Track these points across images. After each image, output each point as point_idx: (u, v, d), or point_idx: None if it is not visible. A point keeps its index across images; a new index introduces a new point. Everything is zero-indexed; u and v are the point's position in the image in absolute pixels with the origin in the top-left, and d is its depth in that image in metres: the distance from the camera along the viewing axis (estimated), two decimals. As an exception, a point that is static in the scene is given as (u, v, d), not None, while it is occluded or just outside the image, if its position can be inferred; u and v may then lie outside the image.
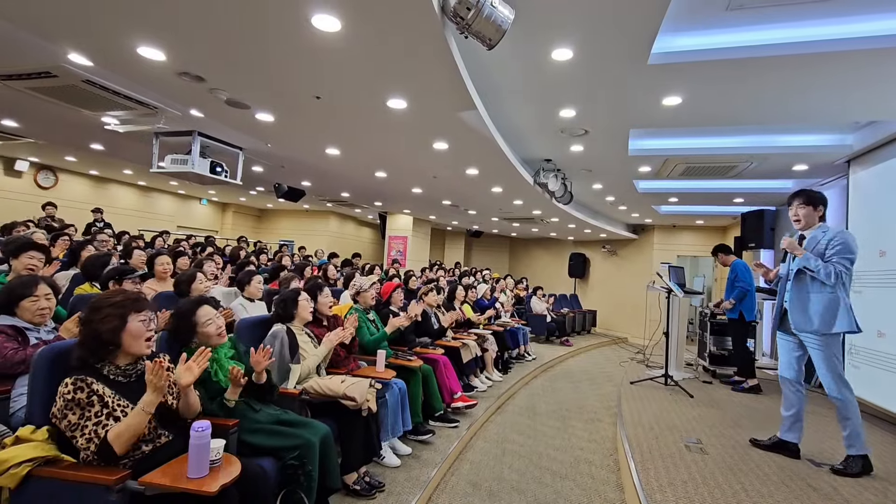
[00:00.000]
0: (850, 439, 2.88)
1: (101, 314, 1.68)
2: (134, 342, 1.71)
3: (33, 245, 2.97)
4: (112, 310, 1.69)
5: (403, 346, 4.12)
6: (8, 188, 8.94)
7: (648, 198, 8.17)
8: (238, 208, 14.14)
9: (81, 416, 1.57)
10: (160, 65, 3.46)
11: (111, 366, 1.70)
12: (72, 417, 1.56)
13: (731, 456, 3.12)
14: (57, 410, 1.57)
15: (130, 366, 1.76)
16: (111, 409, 1.62)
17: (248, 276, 3.82)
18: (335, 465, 2.29)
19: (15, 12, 2.87)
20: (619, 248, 13.09)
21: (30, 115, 5.41)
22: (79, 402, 1.57)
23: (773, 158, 5.36)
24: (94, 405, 1.59)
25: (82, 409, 1.57)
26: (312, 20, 2.66)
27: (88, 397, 1.59)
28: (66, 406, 1.56)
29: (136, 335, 1.72)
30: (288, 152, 6.10)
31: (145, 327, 1.74)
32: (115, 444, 1.57)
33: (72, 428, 1.56)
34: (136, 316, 1.72)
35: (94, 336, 1.67)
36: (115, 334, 1.68)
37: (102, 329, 1.66)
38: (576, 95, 4.03)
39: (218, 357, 2.22)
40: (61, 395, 1.57)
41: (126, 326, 1.69)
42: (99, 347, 1.67)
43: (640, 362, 6.85)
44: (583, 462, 3.58)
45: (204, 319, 2.20)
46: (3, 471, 1.51)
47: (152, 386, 1.63)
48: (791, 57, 3.12)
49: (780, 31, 3.07)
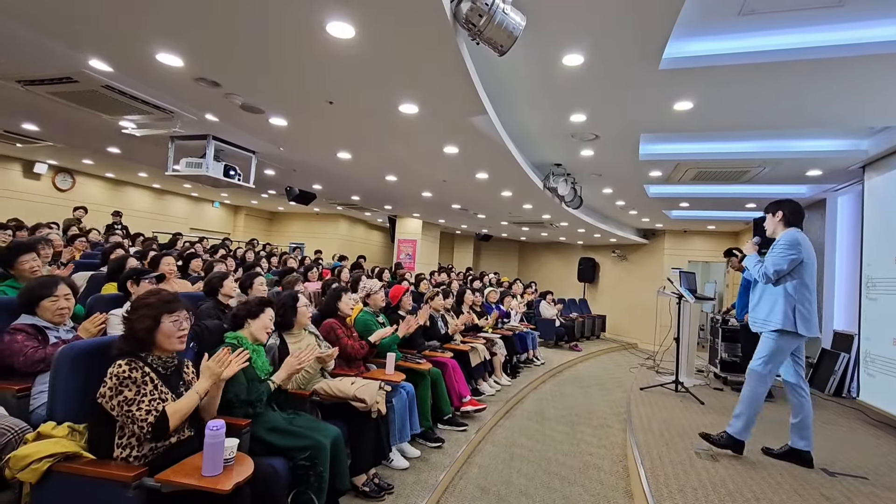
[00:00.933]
0: (736, 416, 3.14)
1: (138, 314, 1.80)
2: (167, 340, 1.82)
3: (21, 250, 2.94)
4: (146, 311, 1.81)
5: (412, 349, 4.14)
6: (27, 190, 9.14)
7: (659, 202, 8.12)
8: (250, 211, 14.30)
9: (138, 392, 1.68)
10: (178, 71, 3.54)
11: (153, 356, 1.82)
12: (128, 393, 1.65)
13: (742, 464, 3.09)
14: (108, 390, 1.65)
15: (170, 359, 1.87)
16: (159, 391, 1.74)
17: (250, 279, 3.83)
18: (345, 466, 2.31)
19: (40, 20, 2.96)
20: (630, 252, 13.00)
21: (50, 119, 5.55)
22: (135, 379, 1.68)
23: (787, 163, 5.32)
24: (148, 384, 1.72)
25: (138, 387, 1.68)
26: (327, 27, 2.71)
27: (143, 376, 1.70)
28: (121, 383, 1.65)
29: (168, 335, 1.82)
30: (300, 156, 6.17)
31: (177, 327, 1.85)
32: (172, 419, 1.71)
33: (128, 403, 1.65)
34: (168, 317, 1.83)
35: (132, 333, 1.79)
36: (149, 333, 1.79)
37: (138, 328, 1.78)
38: (586, 100, 4.04)
39: (257, 348, 2.39)
40: (114, 375, 1.66)
41: (159, 327, 1.80)
42: (137, 343, 1.79)
43: (650, 368, 6.80)
44: (592, 468, 3.56)
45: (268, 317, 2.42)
46: (25, 466, 1.55)
47: (210, 372, 1.84)
48: (804, 62, 3.11)
49: (794, 37, 3.05)
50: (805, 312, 2.98)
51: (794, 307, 2.97)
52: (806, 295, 3.00)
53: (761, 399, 3.07)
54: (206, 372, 1.84)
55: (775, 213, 3.20)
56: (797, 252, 2.99)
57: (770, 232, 3.25)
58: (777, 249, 3.06)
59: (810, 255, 3.04)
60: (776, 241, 3.13)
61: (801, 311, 2.97)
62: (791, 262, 2.99)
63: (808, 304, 2.99)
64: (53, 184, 9.62)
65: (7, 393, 2.15)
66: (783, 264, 2.99)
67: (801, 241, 3.02)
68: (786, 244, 3.02)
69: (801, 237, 3.04)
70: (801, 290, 3.00)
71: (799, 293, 2.99)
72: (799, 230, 3.11)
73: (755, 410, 3.07)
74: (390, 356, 3.30)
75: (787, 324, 2.97)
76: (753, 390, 3.08)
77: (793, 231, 3.09)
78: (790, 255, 2.99)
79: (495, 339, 5.57)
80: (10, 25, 3.07)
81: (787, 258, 2.99)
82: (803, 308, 2.98)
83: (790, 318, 2.97)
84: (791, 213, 3.15)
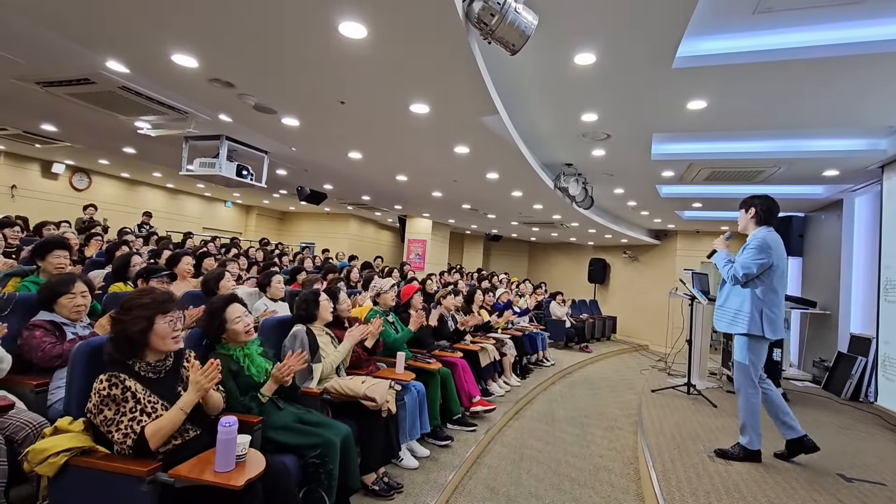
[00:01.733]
0: (742, 429, 3.11)
1: (130, 315, 1.74)
2: (161, 342, 1.77)
3: (58, 244, 3.06)
4: (140, 311, 1.75)
5: (422, 349, 4.14)
6: (45, 189, 9.32)
7: (671, 203, 8.04)
8: (261, 211, 14.43)
9: (117, 411, 1.63)
10: (192, 71, 3.58)
11: (142, 362, 1.77)
12: (107, 413, 1.63)
13: (756, 468, 3.04)
14: (92, 406, 1.64)
15: (160, 362, 1.82)
16: (143, 405, 1.68)
17: (268, 277, 3.91)
18: (355, 465, 2.32)
19: (59, 22, 3.01)
20: (641, 253, 12.88)
21: (67, 119, 5.65)
22: (114, 398, 1.63)
23: (802, 163, 5.23)
24: (129, 401, 1.65)
25: (118, 405, 1.64)
26: (339, 27, 2.72)
27: (123, 393, 1.65)
28: (101, 402, 1.62)
29: (163, 336, 1.77)
30: (311, 156, 6.21)
31: (171, 328, 1.80)
32: (152, 441, 1.63)
33: (107, 423, 1.62)
34: (162, 318, 1.77)
35: (124, 335, 1.73)
36: (143, 335, 1.74)
37: (131, 329, 1.72)
38: (598, 100, 4.01)
39: (249, 353, 2.29)
40: (96, 392, 1.63)
41: (153, 328, 1.75)
42: (128, 345, 1.74)
43: (662, 370, 6.72)
44: (602, 470, 3.53)
45: (233, 317, 2.25)
46: (42, 460, 1.58)
47: (196, 386, 1.72)
48: (821, 60, 3.06)
49: (810, 34, 3.01)
50: (772, 316, 2.98)
51: (762, 311, 2.97)
52: (774, 299, 3.00)
53: (758, 404, 3.05)
54: (193, 385, 1.73)
55: (748, 210, 3.15)
56: (767, 257, 2.96)
57: (741, 228, 3.22)
58: (747, 252, 3.03)
59: (780, 258, 3.01)
60: (747, 241, 3.09)
61: (768, 314, 2.98)
62: (760, 266, 2.97)
63: (776, 307, 3.00)
64: (70, 183, 9.80)
65: (25, 388, 2.20)
66: (753, 268, 2.97)
67: (771, 244, 2.98)
68: (756, 248, 2.98)
69: (772, 239, 3.01)
70: (769, 294, 2.99)
71: (767, 297, 2.99)
72: (770, 229, 3.07)
73: (757, 417, 3.05)
74: (400, 355, 3.31)
75: (753, 328, 2.98)
76: (747, 398, 3.06)
77: (764, 231, 3.05)
78: (760, 259, 2.96)
79: (505, 339, 5.55)
80: (31, 28, 3.13)
81: (756, 262, 2.97)
82: (771, 312, 2.98)
83: (757, 323, 2.97)
84: (763, 211, 3.09)
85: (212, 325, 2.24)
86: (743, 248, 3.09)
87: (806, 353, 6.96)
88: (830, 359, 6.03)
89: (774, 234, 3.05)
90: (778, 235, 3.07)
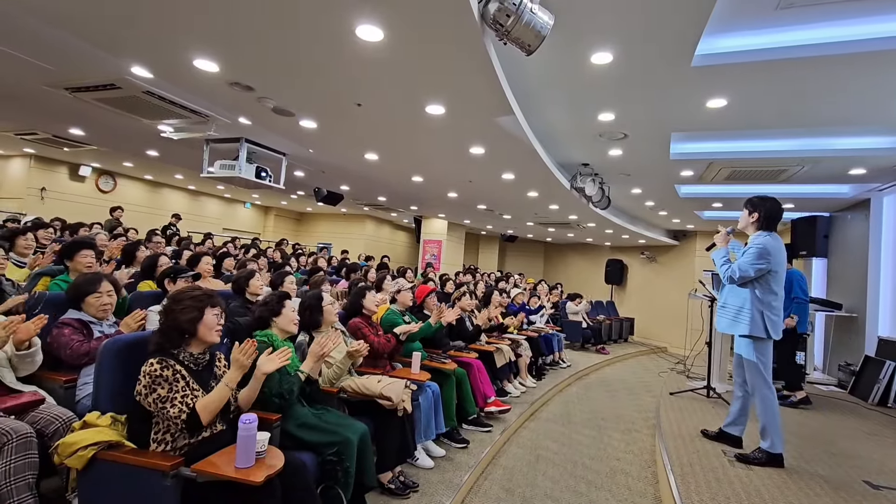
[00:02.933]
0: (762, 434, 3.09)
1: (182, 305, 1.86)
2: (208, 332, 1.89)
3: (86, 244, 3.20)
4: (192, 302, 1.87)
5: (437, 349, 4.16)
6: (73, 192, 9.62)
7: (690, 203, 7.90)
8: (279, 212, 14.65)
9: (170, 389, 1.73)
10: (213, 76, 3.66)
11: (185, 352, 1.87)
12: (160, 391, 1.71)
13: (778, 473, 2.98)
14: (143, 388, 1.71)
15: (202, 355, 1.92)
16: (191, 387, 1.79)
17: (281, 277, 3.95)
18: (372, 463, 2.35)
19: (87, 30, 3.11)
20: (659, 254, 12.69)
21: (94, 124, 5.82)
22: (166, 377, 1.73)
23: (827, 162, 5.09)
24: (179, 381, 1.76)
25: (170, 384, 1.73)
26: (356, 31, 2.75)
27: (174, 374, 1.75)
28: (153, 382, 1.70)
29: (210, 326, 1.89)
30: (328, 157, 6.29)
31: (217, 320, 1.92)
32: (202, 414, 1.75)
33: (161, 400, 1.70)
34: (211, 310, 1.90)
35: (175, 324, 1.84)
36: (192, 324, 1.85)
37: (182, 319, 1.84)
38: (615, 99, 3.98)
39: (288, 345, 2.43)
40: (147, 374, 1.71)
41: (203, 318, 1.87)
42: (177, 335, 1.84)
43: (681, 373, 6.62)
44: (619, 473, 3.50)
45: (291, 308, 2.47)
46: (72, 453, 1.64)
47: (237, 363, 1.87)
48: (847, 56, 2.98)
49: (835, 29, 2.93)
50: (773, 318, 3.02)
51: (763, 312, 3.01)
52: (773, 300, 3.04)
53: (776, 405, 3.04)
54: (234, 363, 1.89)
55: (752, 213, 3.17)
56: (766, 262, 3.00)
57: (741, 227, 3.25)
58: (747, 256, 3.07)
59: (779, 264, 3.05)
60: (748, 245, 3.12)
61: (768, 315, 3.01)
62: (758, 271, 3.02)
63: (776, 307, 3.04)
64: (97, 185, 10.09)
65: (55, 383, 2.28)
66: (750, 272, 3.02)
67: (771, 250, 3.02)
68: (756, 253, 3.02)
69: (773, 245, 3.04)
70: (768, 295, 3.03)
71: (766, 298, 3.03)
72: (772, 234, 3.11)
73: (776, 418, 3.03)
74: (416, 355, 3.33)
75: (756, 330, 3.03)
76: (763, 399, 3.06)
77: (764, 237, 3.08)
78: (758, 264, 3.01)
79: (520, 340, 5.53)
80: (60, 36, 3.24)
81: (754, 266, 3.02)
82: (771, 314, 3.02)
83: (759, 324, 3.02)
84: (767, 218, 3.14)
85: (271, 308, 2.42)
86: (744, 250, 3.13)
87: (831, 357, 6.77)
88: (857, 363, 5.86)
89: (776, 240, 3.08)
90: (780, 240, 3.11)
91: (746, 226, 3.21)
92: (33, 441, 1.87)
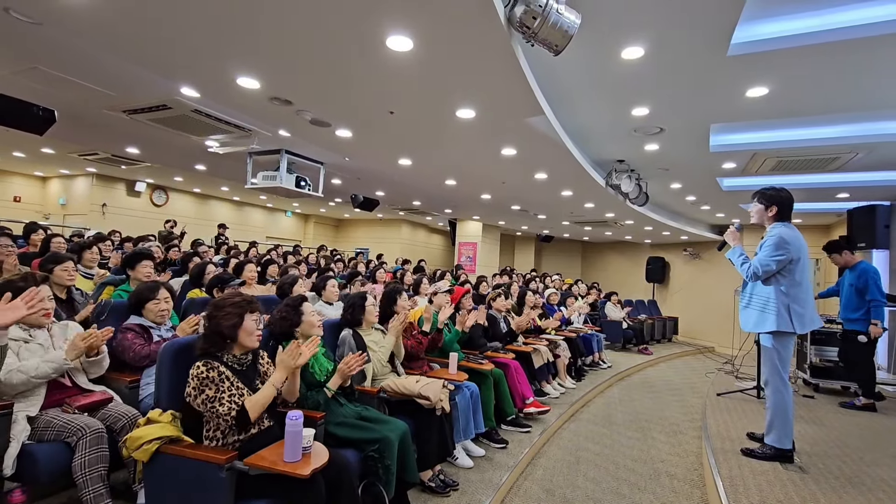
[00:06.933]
0: (769, 428, 3.03)
1: (224, 311, 1.96)
2: (247, 337, 1.99)
3: (145, 255, 3.45)
4: (232, 309, 1.97)
5: (474, 349, 4.19)
6: (130, 206, 10.29)
7: (734, 196, 7.59)
8: (318, 219, 15.10)
9: (217, 390, 1.84)
10: (255, 92, 3.86)
11: (229, 355, 1.98)
12: (209, 392, 1.82)
13: (836, 477, 2.84)
14: (192, 390, 1.83)
15: (244, 356, 2.03)
16: (237, 387, 1.90)
17: (323, 282, 4.12)
18: (413, 460, 2.41)
19: (141, 56, 3.37)
20: (703, 250, 12.22)
21: (148, 142, 6.24)
22: (212, 379, 1.84)
23: (884, 148, 4.77)
24: (225, 382, 1.87)
25: (216, 385, 1.84)
26: (387, 42, 2.85)
27: (219, 376, 1.86)
28: (201, 384, 1.82)
29: (249, 332, 1.99)
30: (364, 164, 6.46)
31: (256, 325, 2.02)
32: (251, 412, 1.86)
33: (210, 401, 1.82)
34: (250, 316, 2.00)
35: (217, 329, 1.95)
36: (233, 329, 1.96)
37: (224, 325, 1.94)
38: (649, 93, 3.90)
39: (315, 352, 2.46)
40: (194, 377, 1.83)
41: (243, 324, 1.97)
42: (219, 340, 1.96)
43: (729, 373, 6.36)
44: (664, 475, 3.41)
45: (309, 310, 2.52)
46: (138, 446, 1.79)
47: (282, 365, 1.97)
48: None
49: (885, 8, 2.77)
50: (800, 310, 2.89)
51: (789, 306, 2.89)
52: (799, 292, 2.91)
53: (789, 401, 2.95)
54: (280, 364, 1.98)
55: (768, 207, 3.09)
56: (785, 252, 2.89)
57: (756, 221, 3.19)
58: (765, 250, 2.98)
59: (800, 251, 2.93)
60: (764, 238, 3.03)
61: (795, 309, 2.89)
62: (779, 263, 2.91)
63: (803, 300, 2.90)
64: (150, 200, 10.75)
65: (121, 384, 2.48)
66: (772, 265, 2.92)
67: (788, 239, 2.90)
68: (773, 245, 2.92)
69: (789, 234, 2.93)
70: (793, 288, 2.91)
71: (792, 291, 2.91)
72: (787, 224, 3.01)
73: (787, 415, 2.95)
74: (453, 356, 3.38)
75: (782, 325, 2.93)
76: (775, 391, 2.97)
77: (780, 227, 2.98)
78: (778, 256, 2.90)
79: (558, 340, 5.48)
80: (119, 64, 3.51)
81: (775, 258, 2.91)
82: (798, 306, 2.89)
83: (785, 318, 2.89)
84: (781, 210, 3.05)
85: (290, 316, 2.48)
86: (760, 245, 3.04)
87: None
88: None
89: (791, 229, 2.98)
90: (796, 229, 3.00)
91: (763, 220, 3.14)
92: (104, 436, 2.05)
